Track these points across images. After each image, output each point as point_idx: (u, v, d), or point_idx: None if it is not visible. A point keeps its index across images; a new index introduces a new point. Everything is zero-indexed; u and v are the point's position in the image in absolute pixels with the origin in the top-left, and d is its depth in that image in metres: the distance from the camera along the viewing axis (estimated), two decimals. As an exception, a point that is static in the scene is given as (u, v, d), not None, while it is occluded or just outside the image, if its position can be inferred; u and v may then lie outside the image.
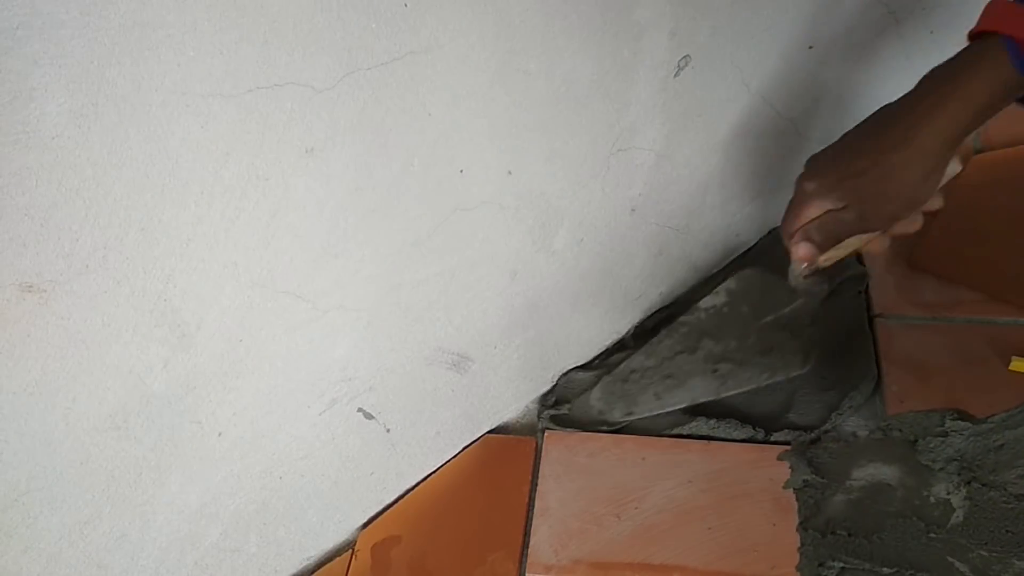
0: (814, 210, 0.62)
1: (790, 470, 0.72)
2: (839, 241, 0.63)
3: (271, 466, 0.63)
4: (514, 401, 0.83)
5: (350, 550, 0.77)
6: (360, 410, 0.67)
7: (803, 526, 0.68)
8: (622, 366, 0.84)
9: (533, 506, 0.76)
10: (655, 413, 0.80)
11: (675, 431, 0.79)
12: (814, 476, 0.71)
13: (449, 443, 0.80)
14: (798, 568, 0.66)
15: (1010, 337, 0.77)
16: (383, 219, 0.56)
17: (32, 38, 0.35)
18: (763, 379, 0.78)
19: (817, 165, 0.63)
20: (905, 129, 0.57)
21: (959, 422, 0.70)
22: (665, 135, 0.70)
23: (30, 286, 0.42)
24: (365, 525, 0.78)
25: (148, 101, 0.40)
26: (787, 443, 0.76)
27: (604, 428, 0.81)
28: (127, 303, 0.46)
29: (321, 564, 0.76)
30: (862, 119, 0.62)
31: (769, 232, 0.94)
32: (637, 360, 0.84)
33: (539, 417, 0.84)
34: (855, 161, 0.59)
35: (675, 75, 0.66)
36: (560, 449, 0.80)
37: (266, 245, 0.50)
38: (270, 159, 0.47)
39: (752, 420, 0.78)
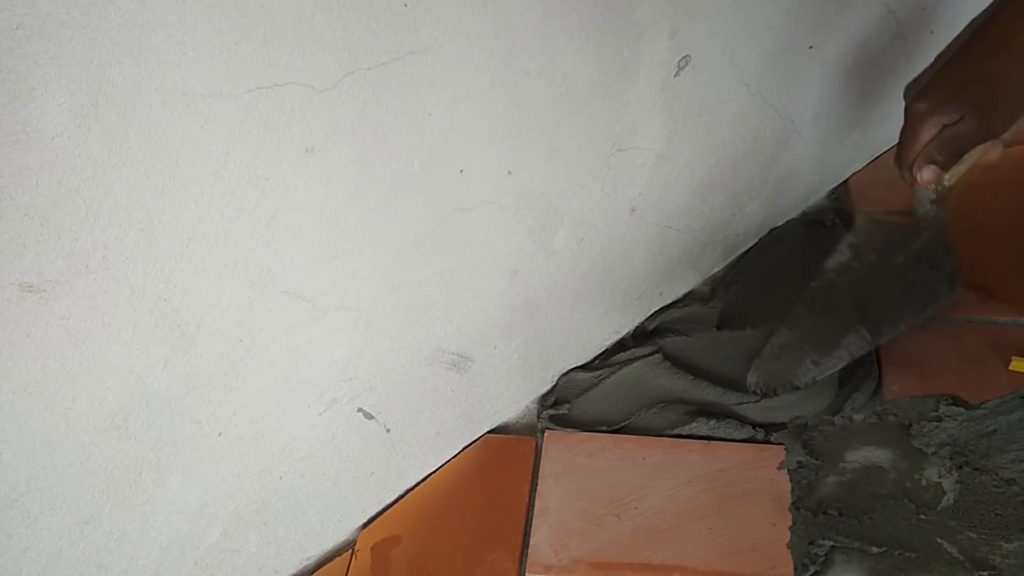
0: (931, 129, 0.62)
1: (785, 451, 0.73)
2: (962, 155, 0.62)
3: (271, 466, 0.63)
4: (514, 401, 0.83)
5: (350, 550, 0.77)
6: (360, 410, 0.67)
7: (795, 506, 0.69)
8: (768, 345, 0.82)
9: (533, 506, 0.76)
10: (819, 378, 0.78)
11: (675, 431, 0.79)
12: (808, 458, 0.71)
13: (449, 443, 0.80)
14: (788, 545, 0.66)
15: (1010, 337, 0.77)
16: (383, 219, 0.56)
17: (32, 38, 0.35)
18: (917, 313, 0.76)
19: (922, 86, 0.63)
20: (1002, 34, 0.58)
21: (953, 407, 0.71)
22: (665, 135, 0.70)
23: (30, 286, 0.42)
24: (365, 525, 0.78)
25: (148, 101, 0.40)
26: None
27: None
28: (127, 303, 0.46)
29: (321, 564, 0.76)
30: (919, 74, 0.64)
31: (769, 232, 0.94)
32: (782, 335, 0.81)
33: (539, 417, 0.84)
34: (961, 70, 0.60)
35: (675, 75, 0.66)
36: (560, 449, 0.80)
37: (266, 245, 0.50)
38: (270, 159, 0.47)
39: (752, 422, 0.78)
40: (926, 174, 0.63)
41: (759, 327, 0.85)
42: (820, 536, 0.65)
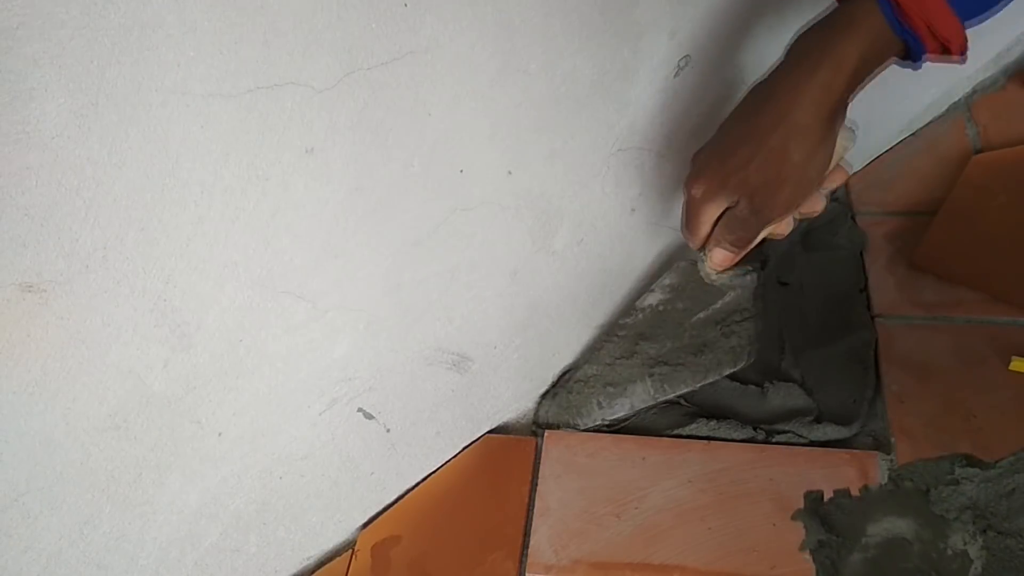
0: (711, 213, 0.58)
1: (804, 530, 0.70)
2: (749, 240, 0.60)
3: (271, 466, 0.63)
4: (514, 401, 0.83)
5: (350, 550, 0.77)
6: (360, 410, 0.67)
7: None
8: (569, 376, 0.84)
9: (533, 506, 0.76)
10: (595, 424, 0.80)
11: (675, 432, 0.79)
12: (829, 535, 0.69)
13: (449, 443, 0.80)
14: None
15: (1010, 337, 0.77)
16: (383, 219, 0.56)
17: (32, 38, 0.35)
18: (696, 381, 0.76)
19: (699, 164, 0.58)
20: (777, 106, 0.53)
21: (968, 468, 0.69)
22: (665, 135, 0.70)
23: (30, 286, 0.42)
24: (365, 525, 0.78)
25: (148, 101, 0.40)
26: (788, 443, 0.76)
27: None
28: (127, 303, 0.46)
29: (321, 564, 0.76)
30: (768, 131, 0.56)
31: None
32: (583, 369, 0.82)
33: (535, 417, 0.85)
34: (736, 151, 0.55)
35: (675, 75, 0.66)
36: (560, 449, 0.80)
37: (266, 245, 0.50)
38: (270, 159, 0.47)
39: (752, 422, 0.78)
40: (716, 258, 0.61)
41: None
42: None
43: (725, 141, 0.57)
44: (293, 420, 0.62)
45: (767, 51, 0.72)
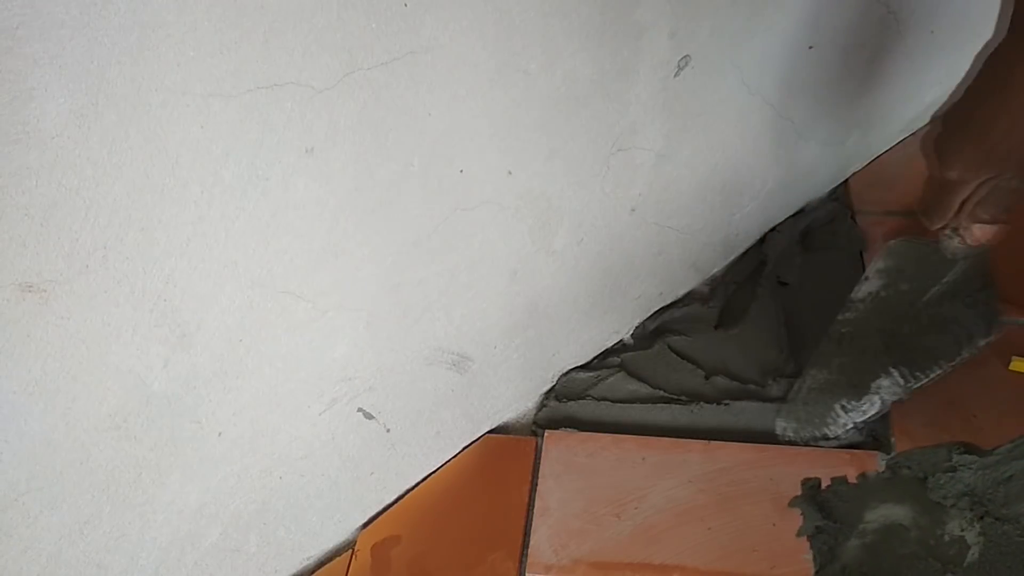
0: (966, 193, 0.58)
1: (801, 517, 0.70)
2: (1009, 210, 0.59)
3: (271, 466, 0.63)
4: (514, 401, 0.83)
5: (350, 550, 0.77)
6: (360, 410, 0.67)
7: (819, 574, 0.66)
8: (796, 387, 0.78)
9: (533, 506, 0.76)
10: (850, 426, 0.74)
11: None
12: (826, 522, 0.69)
13: (449, 443, 0.80)
14: None
15: (1010, 337, 0.77)
16: (383, 219, 0.56)
17: (32, 38, 0.35)
18: (949, 360, 0.72)
19: (950, 147, 0.58)
20: (1012, 68, 0.53)
21: (966, 456, 0.69)
22: (665, 135, 0.70)
23: (30, 286, 0.42)
24: (365, 525, 0.78)
25: (148, 101, 0.40)
26: (792, 442, 0.76)
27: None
28: (127, 303, 0.46)
29: (321, 564, 0.76)
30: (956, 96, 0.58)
31: (773, 228, 0.94)
32: (810, 377, 0.77)
33: (536, 417, 0.85)
34: (994, 125, 0.55)
35: (675, 75, 0.66)
36: (560, 449, 0.80)
37: (266, 245, 0.50)
38: (270, 159, 0.47)
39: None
40: (977, 233, 0.61)
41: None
42: None
43: (976, 118, 0.57)
44: (293, 420, 0.62)
45: (767, 51, 0.72)
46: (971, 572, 0.63)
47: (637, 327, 0.90)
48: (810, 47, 0.75)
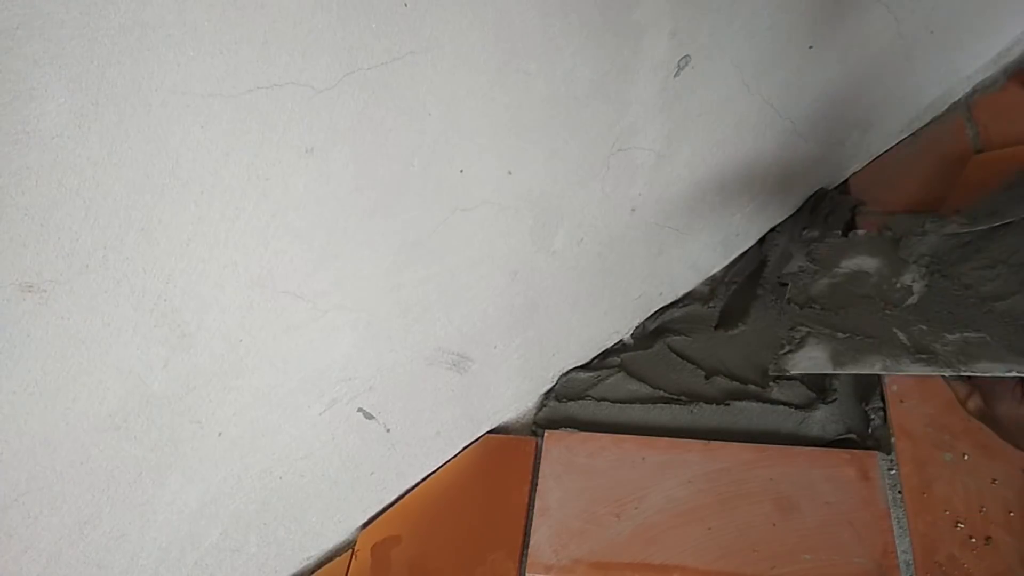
0: None
1: (791, 256, 0.82)
2: None
3: (271, 466, 0.63)
4: (514, 401, 0.83)
5: (350, 550, 0.77)
6: (360, 410, 0.67)
7: (788, 301, 0.77)
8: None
9: (533, 506, 0.76)
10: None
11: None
12: (809, 264, 0.79)
13: (449, 443, 0.80)
14: (772, 327, 0.76)
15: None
16: (383, 219, 0.56)
17: (32, 38, 0.35)
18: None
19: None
20: None
21: (936, 223, 0.77)
22: (665, 135, 0.70)
23: (30, 286, 0.42)
24: (365, 525, 0.78)
25: (148, 101, 0.40)
26: (795, 443, 0.76)
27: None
28: (127, 303, 0.46)
29: (321, 564, 0.76)
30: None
31: (773, 228, 0.94)
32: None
33: (536, 417, 0.85)
34: None
35: (675, 75, 0.66)
36: (560, 449, 0.80)
37: (266, 245, 0.50)
38: (270, 159, 0.47)
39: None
40: None
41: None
42: (800, 324, 0.73)
43: None
44: (293, 420, 0.62)
45: (767, 51, 0.72)
46: (906, 312, 0.71)
47: (637, 327, 0.90)
48: (810, 47, 0.75)
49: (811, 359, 0.69)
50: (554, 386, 0.86)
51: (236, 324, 0.52)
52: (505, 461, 0.81)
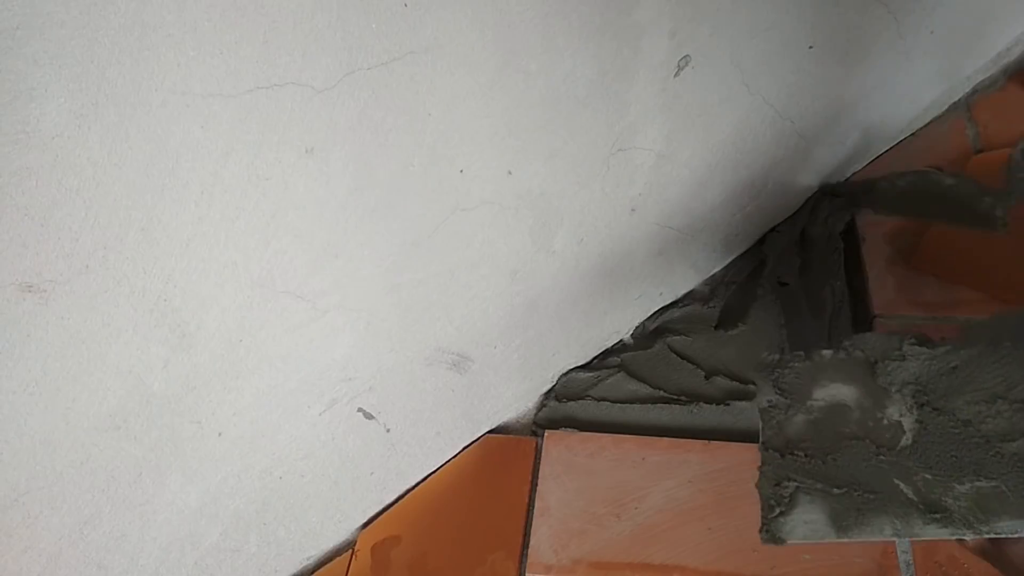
0: None
1: (757, 390, 0.76)
2: None
3: (271, 466, 0.63)
4: (514, 401, 0.83)
5: (350, 550, 0.77)
6: (360, 410, 0.67)
7: (764, 446, 0.70)
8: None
9: (533, 506, 0.76)
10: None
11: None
12: (778, 397, 0.72)
13: (449, 443, 0.80)
14: (756, 485, 0.68)
15: (1010, 337, 0.77)
16: (383, 219, 0.56)
17: (32, 38, 0.35)
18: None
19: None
20: None
21: (916, 347, 0.71)
22: (665, 135, 0.70)
23: (30, 286, 0.42)
24: (365, 525, 0.78)
25: (148, 101, 0.40)
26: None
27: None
28: (127, 303, 0.46)
29: (321, 564, 0.76)
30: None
31: (773, 228, 0.94)
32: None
33: (536, 417, 0.85)
34: None
35: (675, 75, 0.66)
36: (560, 449, 0.80)
37: (266, 245, 0.50)
38: (270, 159, 0.47)
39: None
40: None
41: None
42: (786, 478, 0.68)
43: None
44: (293, 420, 0.62)
45: (767, 51, 0.72)
46: (902, 456, 0.66)
47: (637, 327, 0.90)
48: (810, 47, 0.75)
49: (808, 524, 0.63)
50: (554, 386, 0.86)
51: (236, 324, 0.52)
52: (505, 461, 0.81)
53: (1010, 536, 0.55)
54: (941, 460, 0.64)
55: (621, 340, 0.89)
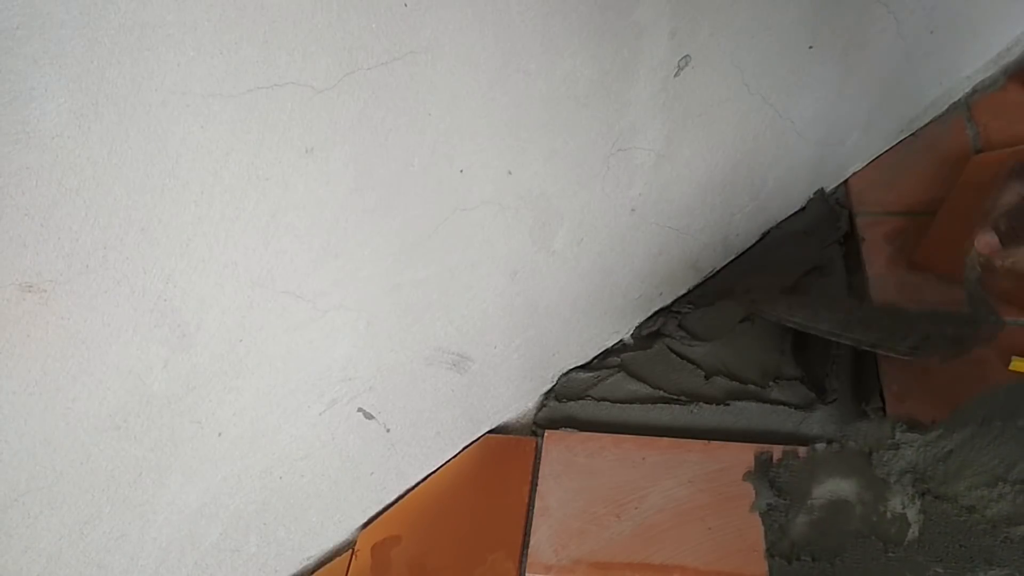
0: (1010, 195, 0.56)
1: (754, 493, 0.72)
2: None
3: (271, 466, 0.63)
4: (514, 401, 0.83)
5: (350, 550, 0.77)
6: (360, 410, 0.67)
7: (769, 552, 0.68)
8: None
9: (533, 506, 0.76)
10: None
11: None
12: (777, 498, 0.71)
13: (449, 443, 0.80)
14: None
15: (1010, 337, 0.77)
16: (383, 219, 0.56)
17: (32, 38, 0.35)
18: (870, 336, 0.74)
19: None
20: None
21: (908, 434, 0.71)
22: (665, 135, 0.70)
23: (30, 286, 0.42)
24: (365, 525, 0.78)
25: (148, 101, 0.40)
26: (795, 442, 0.76)
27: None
28: (127, 303, 0.46)
29: (321, 564, 0.76)
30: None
31: (772, 229, 0.94)
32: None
33: (536, 417, 0.85)
34: None
35: (675, 75, 0.66)
36: (560, 449, 0.80)
37: (266, 245, 0.50)
38: (270, 159, 0.47)
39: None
40: (981, 240, 0.59)
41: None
42: None
43: None
44: (293, 420, 0.62)
45: (767, 51, 0.72)
46: (911, 551, 0.65)
47: (637, 327, 0.89)
48: (810, 47, 0.75)
49: None
50: (554, 386, 0.86)
51: (236, 324, 0.52)
52: (505, 461, 0.81)
53: None
54: (950, 551, 0.63)
55: (621, 340, 0.89)
